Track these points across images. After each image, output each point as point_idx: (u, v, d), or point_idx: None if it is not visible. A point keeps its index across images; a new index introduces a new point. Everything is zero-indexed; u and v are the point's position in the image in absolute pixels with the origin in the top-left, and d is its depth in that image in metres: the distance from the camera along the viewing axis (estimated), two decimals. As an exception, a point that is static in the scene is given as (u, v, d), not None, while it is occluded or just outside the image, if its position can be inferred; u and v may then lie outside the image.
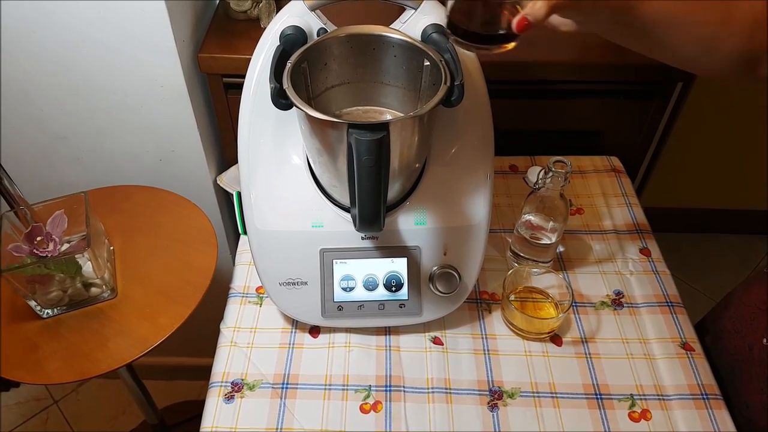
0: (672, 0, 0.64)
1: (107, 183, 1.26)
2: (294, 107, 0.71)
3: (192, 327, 1.01)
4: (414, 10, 0.81)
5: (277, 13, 0.84)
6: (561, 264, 1.05)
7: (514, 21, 0.60)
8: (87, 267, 1.00)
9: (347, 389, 0.88)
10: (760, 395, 0.86)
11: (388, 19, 0.83)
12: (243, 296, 1.00)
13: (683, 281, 2.12)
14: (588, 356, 0.92)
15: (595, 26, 0.66)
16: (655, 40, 0.67)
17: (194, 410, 1.75)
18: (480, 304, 0.99)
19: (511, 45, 0.64)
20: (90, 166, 1.30)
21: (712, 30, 0.66)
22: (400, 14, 0.83)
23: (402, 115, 0.86)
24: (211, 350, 0.94)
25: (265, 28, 0.85)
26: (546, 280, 0.97)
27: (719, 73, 0.71)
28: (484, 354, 0.92)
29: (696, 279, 2.18)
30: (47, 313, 1.01)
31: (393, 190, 0.84)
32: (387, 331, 0.95)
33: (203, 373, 1.00)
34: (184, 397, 1.85)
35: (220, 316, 0.98)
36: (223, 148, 1.37)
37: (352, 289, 0.90)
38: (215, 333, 0.96)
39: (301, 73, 0.79)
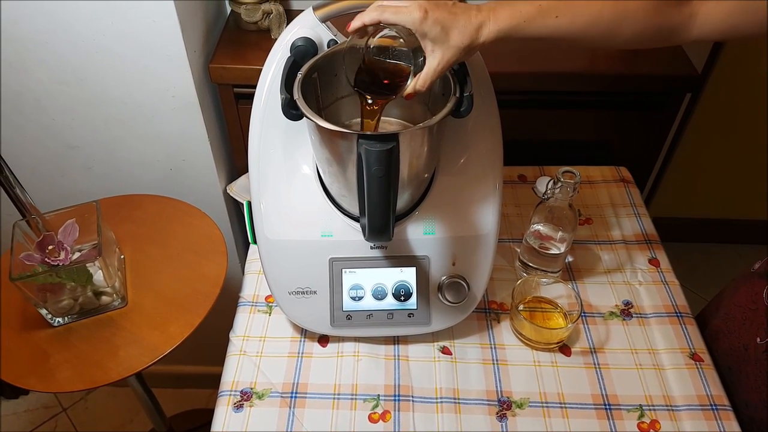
0: (551, 20, 0.69)
1: (118, 192, 1.27)
2: (304, 118, 0.72)
3: (200, 335, 1.02)
4: (423, 22, 0.82)
5: (287, 24, 0.85)
6: (570, 274, 1.05)
7: (405, 93, 0.72)
8: (98, 276, 1.01)
9: (356, 398, 0.88)
10: (759, 393, 0.86)
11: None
12: (252, 305, 1.00)
13: (692, 291, 2.10)
14: (597, 366, 0.92)
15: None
16: (554, 44, 0.72)
17: (203, 418, 1.77)
18: (489, 313, 0.99)
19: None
20: (101, 176, 1.31)
21: (606, 26, 0.70)
22: (410, 26, 0.84)
23: (412, 125, 0.87)
24: (219, 359, 0.94)
25: (275, 39, 0.85)
26: (555, 290, 0.97)
27: (634, 47, 0.75)
28: (493, 364, 0.92)
29: (705, 288, 2.16)
30: (58, 321, 1.02)
31: (402, 200, 0.84)
32: (396, 340, 0.95)
33: (211, 382, 1.01)
34: (193, 406, 1.85)
35: (228, 325, 0.98)
36: (233, 158, 1.38)
37: (361, 298, 0.90)
38: (223, 341, 0.96)
39: (312, 84, 0.80)
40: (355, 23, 0.71)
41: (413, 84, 0.71)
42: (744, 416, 0.87)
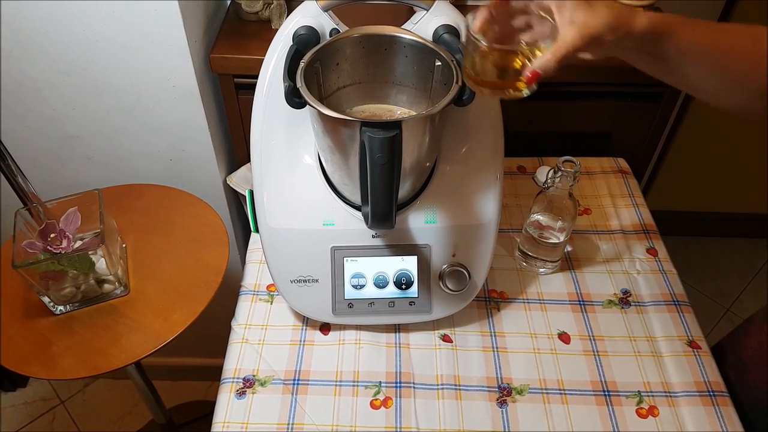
0: (700, 33, 0.63)
1: (118, 182, 1.27)
2: (308, 106, 0.72)
3: (199, 327, 1.02)
4: (425, 11, 0.82)
5: (288, 14, 0.86)
6: (569, 263, 1.06)
7: (526, 72, 0.63)
8: (100, 264, 1.01)
9: (357, 385, 0.89)
10: None
11: (400, 21, 0.84)
12: (254, 294, 1.01)
13: (688, 284, 2.12)
14: (596, 354, 0.92)
15: (620, 56, 0.67)
16: (682, 72, 0.67)
17: (202, 410, 1.77)
18: (489, 302, 1.00)
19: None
20: (101, 166, 1.31)
21: (743, 66, 0.64)
22: (412, 15, 0.84)
23: (413, 113, 0.87)
24: (216, 350, 0.95)
25: (276, 29, 0.86)
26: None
27: (740, 110, 0.69)
28: (493, 351, 0.93)
29: (701, 282, 2.18)
30: (60, 309, 1.02)
31: (404, 189, 0.85)
32: (397, 328, 0.96)
33: (210, 374, 1.01)
34: (190, 398, 1.86)
35: (226, 316, 0.98)
36: (233, 149, 1.38)
37: (362, 286, 0.91)
38: (221, 333, 0.97)
39: (314, 73, 0.80)
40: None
41: (539, 62, 0.62)
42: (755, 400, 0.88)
